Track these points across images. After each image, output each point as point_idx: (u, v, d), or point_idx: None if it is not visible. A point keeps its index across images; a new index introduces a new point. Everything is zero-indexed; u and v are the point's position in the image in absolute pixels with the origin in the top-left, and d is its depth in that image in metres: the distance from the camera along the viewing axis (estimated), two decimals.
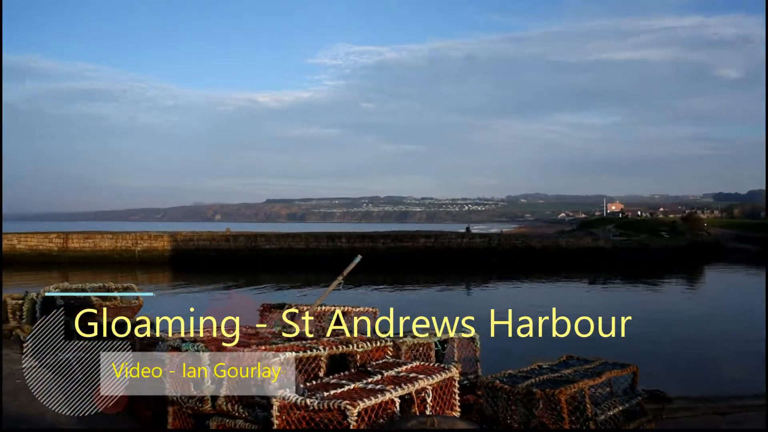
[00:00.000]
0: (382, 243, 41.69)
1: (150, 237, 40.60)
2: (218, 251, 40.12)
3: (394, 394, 3.45)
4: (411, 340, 4.93)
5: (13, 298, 7.72)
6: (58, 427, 3.90)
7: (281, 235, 42.21)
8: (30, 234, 40.39)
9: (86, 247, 39.78)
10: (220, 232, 43.23)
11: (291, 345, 3.93)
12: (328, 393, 3.43)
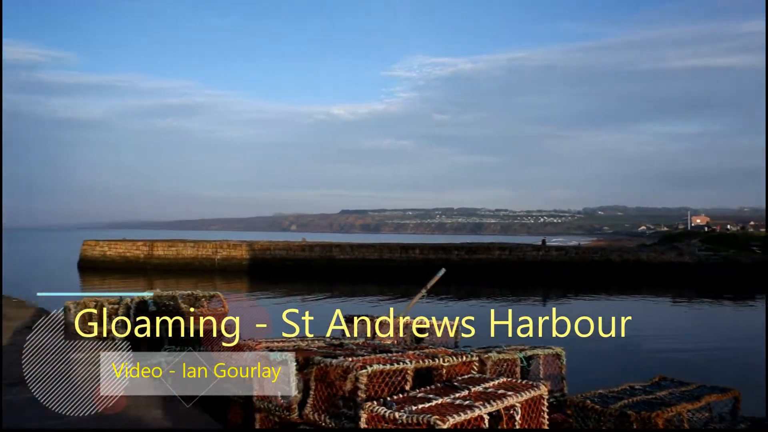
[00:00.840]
0: (456, 255, 41.40)
1: (229, 246, 41.85)
2: (294, 260, 40.90)
3: (484, 410, 3.38)
4: (496, 356, 4.85)
5: (110, 303, 8.10)
6: (161, 426, 4.04)
7: (355, 246, 42.61)
8: (119, 242, 42.46)
9: (170, 254, 41.44)
10: (296, 242, 44.08)
11: (377, 357, 3.93)
12: (416, 407, 3.40)
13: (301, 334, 8.34)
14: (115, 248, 41.65)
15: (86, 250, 41.92)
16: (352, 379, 3.65)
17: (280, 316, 22.61)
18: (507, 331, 9.50)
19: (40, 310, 8.33)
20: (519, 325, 10.14)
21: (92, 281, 35.31)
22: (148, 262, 40.76)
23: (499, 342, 6.49)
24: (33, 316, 7.77)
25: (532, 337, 10.97)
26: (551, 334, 8.50)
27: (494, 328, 15.81)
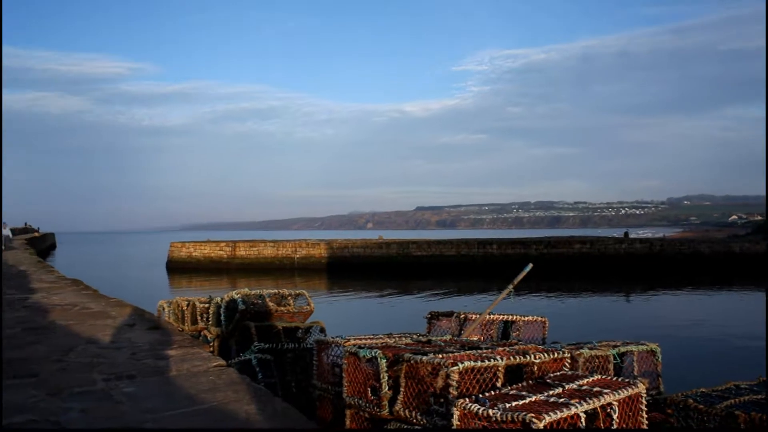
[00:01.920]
0: (534, 249, 40.59)
1: (308, 245, 42.62)
2: (371, 258, 41.22)
3: (580, 408, 3.28)
4: (588, 352, 4.71)
5: (201, 302, 8.43)
6: (255, 422, 4.14)
7: (432, 242, 42.49)
8: (204, 243, 44.04)
9: (251, 254, 42.63)
10: (373, 239, 44.41)
11: (468, 354, 3.89)
12: (509, 404, 3.34)
13: (382, 330, 8.38)
14: (200, 249, 43.23)
15: (173, 252, 43.71)
16: (443, 376, 3.63)
17: (360, 314, 22.87)
18: (595, 327, 9.26)
19: (137, 308, 8.73)
20: (606, 321, 9.86)
21: (179, 281, 36.80)
22: (231, 262, 42.08)
23: (588, 338, 6.30)
24: (131, 315, 8.16)
25: (621, 333, 10.65)
26: (640, 330, 8.19)
27: (581, 323, 15.44)
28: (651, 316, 21.07)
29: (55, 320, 7.82)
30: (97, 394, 4.60)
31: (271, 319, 7.57)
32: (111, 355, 5.85)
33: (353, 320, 19.89)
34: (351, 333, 6.43)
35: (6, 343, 6.36)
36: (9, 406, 4.23)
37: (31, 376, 5.02)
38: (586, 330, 10.91)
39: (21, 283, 12.86)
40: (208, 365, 5.47)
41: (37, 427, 3.88)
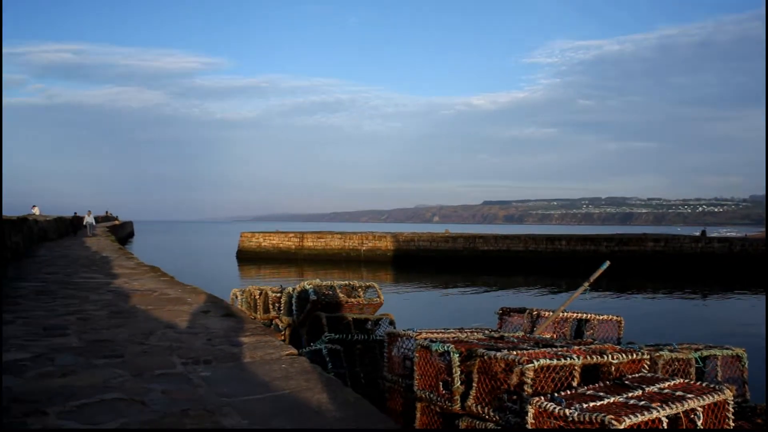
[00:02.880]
0: (605, 246, 39.49)
1: (374, 237, 42.91)
2: (438, 252, 41.13)
3: (662, 413, 3.17)
4: (669, 354, 4.54)
5: (273, 291, 8.62)
6: (325, 413, 4.20)
7: (499, 237, 42.00)
8: (273, 233, 45.05)
9: (318, 246, 43.29)
10: (439, 233, 44.29)
11: (543, 351, 3.82)
12: (586, 405, 3.26)
13: (449, 324, 8.33)
14: (269, 239, 44.25)
15: (243, 242, 44.91)
16: (518, 372, 3.57)
17: (427, 307, 22.83)
18: (672, 328, 8.92)
19: (212, 296, 9.01)
20: (684, 322, 9.45)
21: (249, 270, 37.75)
22: (299, 253, 42.87)
23: (665, 339, 6.07)
24: (206, 302, 8.42)
25: (700, 336, 10.18)
26: (721, 333, 7.82)
27: (657, 324, 14.82)
28: (732, 319, 20.11)
29: (136, 305, 8.17)
30: (177, 377, 4.77)
31: (341, 310, 7.66)
32: (188, 340, 6.05)
33: (420, 313, 19.91)
34: (418, 326, 6.43)
35: (94, 325, 6.70)
36: (99, 384, 4.46)
37: (117, 357, 5.26)
38: (662, 331, 10.49)
39: (104, 269, 13.50)
40: (281, 353, 5.59)
41: (214, 404, 4.08)
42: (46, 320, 6.95)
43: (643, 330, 12.93)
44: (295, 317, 7.85)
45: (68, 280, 11.03)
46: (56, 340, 5.93)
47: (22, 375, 4.67)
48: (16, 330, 6.37)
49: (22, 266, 13.78)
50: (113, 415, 3.83)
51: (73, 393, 4.23)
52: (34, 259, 16.25)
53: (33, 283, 10.48)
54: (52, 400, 4.06)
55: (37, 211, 37.96)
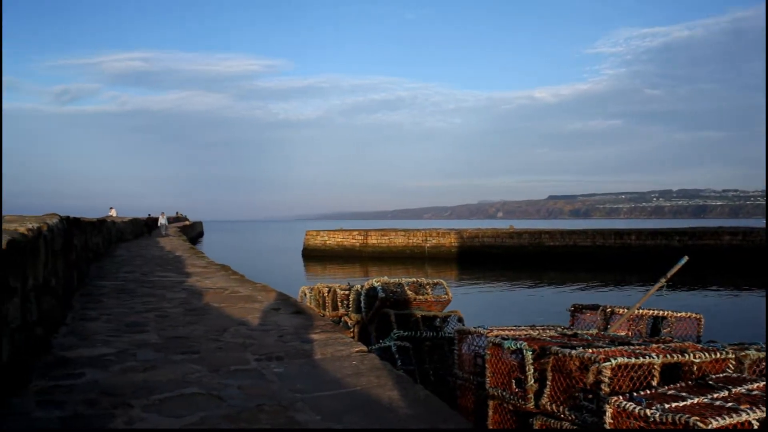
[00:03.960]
0: (677, 240, 38.08)
1: (438, 234, 42.78)
2: (502, 248, 40.64)
3: (752, 415, 3.02)
4: (756, 354, 4.32)
5: (341, 289, 8.73)
6: (396, 410, 4.22)
7: (565, 232, 41.12)
8: (337, 231, 45.57)
9: (382, 243, 43.50)
10: (503, 229, 43.73)
11: (620, 349, 3.71)
12: (668, 405, 3.15)
13: (518, 321, 8.21)
14: (333, 237, 44.77)
15: (309, 240, 45.61)
16: (594, 371, 3.49)
17: (494, 304, 22.55)
18: (755, 327, 8.51)
19: (281, 293, 9.19)
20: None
21: (314, 268, 38.30)
22: (363, 251, 43.19)
23: (748, 338, 5.79)
24: (276, 300, 8.60)
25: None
26: None
27: (738, 322, 14.09)
28: None
29: (209, 302, 8.42)
30: (251, 372, 4.89)
31: (409, 307, 7.67)
32: (260, 337, 6.20)
33: (488, 310, 19.72)
34: (486, 323, 6.37)
35: (171, 322, 6.95)
36: (179, 378, 4.62)
37: (194, 353, 5.44)
38: (744, 330, 9.99)
39: (178, 268, 13.98)
40: (351, 350, 5.64)
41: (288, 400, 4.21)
42: (127, 317, 7.25)
43: (724, 328, 12.40)
44: (364, 314, 7.91)
45: (145, 279, 11.47)
46: (137, 336, 6.18)
47: (107, 369, 4.89)
48: (101, 326, 6.68)
49: (102, 265, 14.43)
50: (193, 409, 3.96)
51: (154, 387, 4.40)
52: (113, 258, 16.99)
53: (113, 282, 10.95)
54: (136, 394, 4.24)
55: (113, 213, 39.67)
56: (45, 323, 5.66)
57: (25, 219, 6.41)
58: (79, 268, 10.28)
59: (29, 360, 4.77)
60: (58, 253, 7.17)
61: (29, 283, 4.98)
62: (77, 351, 5.52)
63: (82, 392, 4.28)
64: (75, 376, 4.70)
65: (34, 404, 4.00)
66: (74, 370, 4.85)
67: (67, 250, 8.37)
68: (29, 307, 4.91)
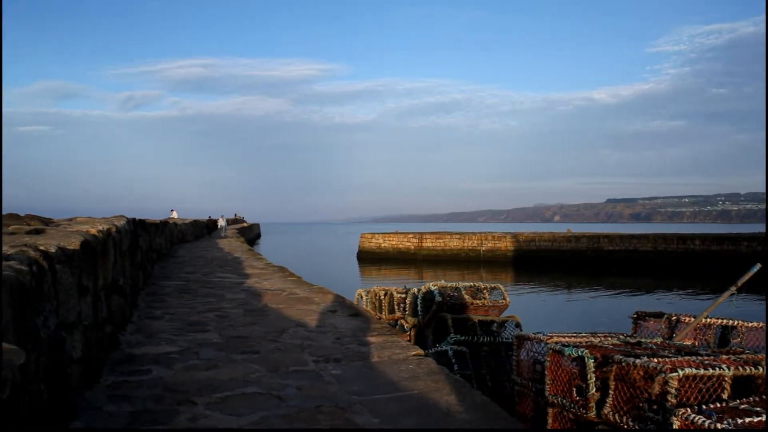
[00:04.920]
0: (746, 246, 36.54)
1: (494, 237, 42.35)
2: (559, 252, 39.91)
3: None
4: None
5: (398, 292, 8.74)
6: (454, 414, 4.20)
7: (625, 236, 40.03)
8: (392, 234, 45.68)
9: (437, 246, 43.36)
10: (560, 233, 42.94)
11: (687, 360, 3.59)
12: (741, 420, 3.02)
13: (577, 328, 8.02)
14: (388, 240, 44.90)
15: (363, 242, 45.88)
16: (660, 381, 3.39)
17: (552, 309, 22.13)
18: None
19: (338, 295, 9.27)
20: None
21: (369, 270, 38.47)
22: (418, 254, 43.15)
23: None
24: (333, 302, 8.69)
25: None
26: None
27: None
28: None
29: (267, 303, 8.57)
30: (309, 374, 4.96)
31: (466, 311, 7.63)
32: (318, 339, 6.27)
33: (545, 315, 19.38)
34: (544, 329, 6.26)
35: (231, 322, 7.11)
36: (239, 378, 4.73)
37: (254, 353, 5.55)
38: None
39: (237, 269, 14.29)
40: (408, 354, 5.65)
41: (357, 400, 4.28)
42: (189, 317, 7.46)
43: None
44: (421, 318, 7.91)
45: (206, 280, 11.77)
46: (199, 335, 6.35)
47: (172, 367, 5.05)
48: (165, 325, 6.89)
49: (165, 266, 14.88)
50: (253, 408, 4.04)
51: (217, 385, 4.52)
52: (175, 259, 17.50)
53: (176, 282, 11.28)
54: (200, 392, 4.36)
55: (175, 215, 40.85)
56: (114, 321, 5.88)
57: (95, 221, 6.68)
58: (144, 268, 10.64)
59: (100, 356, 4.97)
60: (126, 254, 7.44)
61: (99, 283, 5.18)
62: (143, 348, 5.71)
63: (148, 388, 4.43)
64: (142, 372, 4.87)
65: (106, 398, 4.17)
66: (141, 367, 5.03)
67: (133, 251, 8.68)
68: (100, 305, 5.11)
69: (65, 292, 3.75)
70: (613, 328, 6.93)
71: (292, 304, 8.45)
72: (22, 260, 3.03)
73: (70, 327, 3.84)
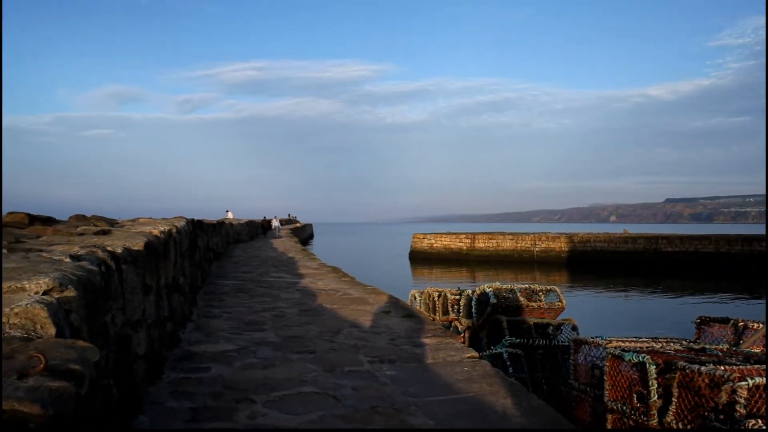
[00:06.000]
0: None
1: (548, 238, 41.67)
2: (615, 253, 38.94)
3: None
4: None
5: (452, 294, 8.71)
6: (510, 418, 4.16)
7: (685, 237, 38.75)
8: (444, 234, 45.50)
9: (490, 246, 42.95)
10: (616, 233, 41.92)
11: (757, 368, 3.46)
12: None
13: (636, 332, 7.82)
14: (440, 240, 44.74)
15: (416, 243, 45.83)
16: (727, 390, 3.27)
17: (609, 312, 21.60)
18: None
19: (392, 296, 9.30)
20: None
21: (421, 271, 38.40)
22: (470, 254, 42.84)
23: None
24: (387, 303, 8.72)
25: None
26: None
27: None
28: None
29: (322, 304, 8.67)
30: (364, 374, 4.99)
31: (521, 313, 7.53)
32: (373, 339, 6.31)
33: (601, 318, 18.94)
34: (601, 333, 6.13)
35: (287, 322, 7.22)
36: (296, 377, 4.80)
37: (309, 353, 5.63)
38: None
39: (291, 269, 14.50)
40: (462, 356, 5.62)
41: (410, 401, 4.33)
42: (246, 316, 7.62)
43: None
44: (475, 320, 7.86)
45: (261, 279, 11.99)
46: (256, 334, 6.48)
47: (230, 365, 5.17)
48: (223, 324, 7.05)
49: (222, 265, 15.24)
50: (310, 408, 4.10)
51: (274, 384, 4.60)
52: (231, 258, 17.89)
53: (232, 281, 11.54)
54: (257, 390, 4.44)
55: (230, 215, 41.72)
56: (174, 319, 6.06)
57: (156, 222, 6.90)
58: (202, 267, 10.92)
59: (162, 353, 5.13)
60: (185, 254, 7.65)
61: (161, 282, 5.35)
62: (202, 346, 5.86)
63: (208, 385, 4.55)
64: (202, 369, 5.00)
65: (168, 394, 4.30)
66: (201, 364, 5.16)
67: (192, 251, 8.92)
68: (162, 304, 5.28)
69: (131, 291, 3.89)
70: (674, 333, 6.74)
71: (346, 305, 8.52)
72: (92, 261, 3.16)
73: (135, 325, 3.98)
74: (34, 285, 2.25)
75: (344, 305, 8.49)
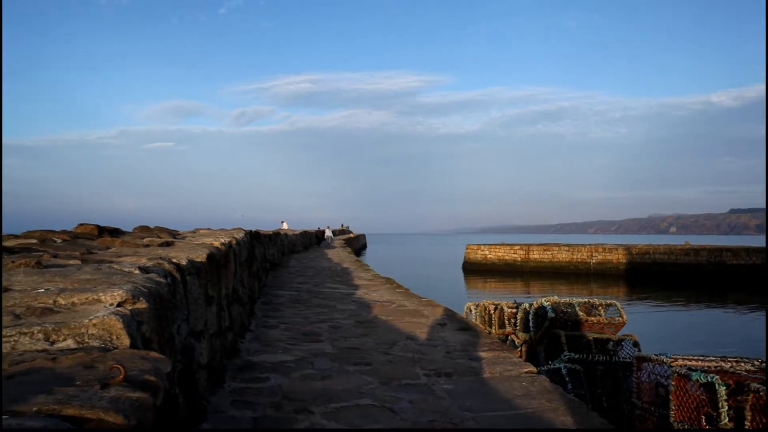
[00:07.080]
0: None
1: (605, 249, 40.70)
2: (676, 266, 37.69)
3: None
4: None
5: (509, 307, 8.61)
6: (555, 426, 4.08)
7: (752, 250, 37.21)
8: (498, 245, 45.01)
9: (545, 258, 42.22)
10: (678, 245, 40.59)
11: None
12: None
13: (701, 349, 7.55)
14: (494, 251, 44.27)
15: (469, 254, 45.48)
16: None
17: (672, 327, 20.90)
18: None
19: (447, 309, 9.25)
20: None
21: (475, 282, 38.03)
22: (525, 266, 42.21)
23: None
24: (442, 315, 8.68)
25: None
26: None
27: None
28: None
29: (377, 315, 8.70)
30: (421, 387, 4.98)
31: (580, 328, 7.38)
32: (428, 352, 6.29)
33: (663, 334, 18.29)
34: (663, 349, 5.93)
35: (343, 333, 7.28)
36: (353, 389, 4.83)
37: (366, 365, 5.65)
38: None
39: (346, 280, 14.60)
40: (520, 370, 5.55)
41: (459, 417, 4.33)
42: (303, 327, 7.71)
43: None
44: (533, 334, 7.73)
45: (317, 290, 12.12)
46: (313, 345, 6.55)
47: (289, 375, 5.24)
48: (280, 334, 7.16)
49: (278, 276, 15.47)
50: (368, 420, 4.11)
51: (332, 396, 4.64)
52: (287, 269, 18.14)
53: (288, 292, 11.70)
54: (316, 401, 4.49)
55: (285, 226, 42.38)
56: (234, 329, 6.19)
57: (216, 233, 7.07)
58: (259, 278, 11.12)
59: (223, 362, 5.24)
60: (244, 265, 7.82)
61: (222, 293, 5.48)
62: (261, 356, 5.96)
63: (268, 395, 4.63)
64: (261, 380, 5.09)
65: (230, 403, 4.39)
66: (260, 374, 5.25)
67: (250, 262, 9.10)
68: (222, 314, 5.40)
69: (194, 301, 4.00)
70: (743, 351, 6.48)
71: (401, 317, 8.52)
72: (159, 273, 3.27)
73: (198, 335, 4.09)
74: (109, 297, 2.35)
75: (399, 317, 8.50)
